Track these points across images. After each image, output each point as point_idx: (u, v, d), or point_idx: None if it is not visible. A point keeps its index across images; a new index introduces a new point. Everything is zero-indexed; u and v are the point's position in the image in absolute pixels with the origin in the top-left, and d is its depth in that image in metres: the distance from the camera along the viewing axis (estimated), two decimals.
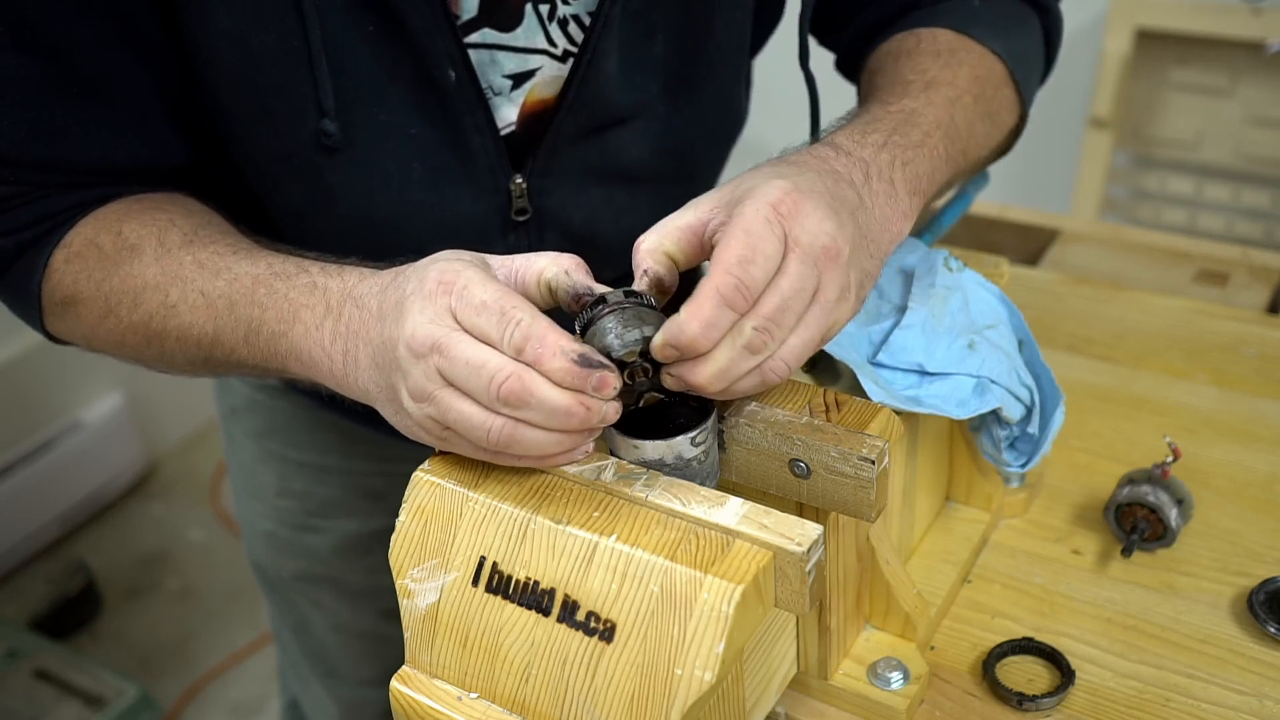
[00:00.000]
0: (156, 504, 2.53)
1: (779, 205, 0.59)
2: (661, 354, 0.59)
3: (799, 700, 0.74)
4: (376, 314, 0.62)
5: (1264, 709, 0.71)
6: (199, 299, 0.71)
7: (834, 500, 0.62)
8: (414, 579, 0.62)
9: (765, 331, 0.59)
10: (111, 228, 0.75)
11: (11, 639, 2.01)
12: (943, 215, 0.97)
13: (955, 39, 0.86)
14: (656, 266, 0.63)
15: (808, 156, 0.69)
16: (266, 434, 1.10)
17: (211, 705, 2.06)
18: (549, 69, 0.80)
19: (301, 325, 0.67)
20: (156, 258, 0.74)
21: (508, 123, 0.81)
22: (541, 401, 0.56)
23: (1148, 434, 0.94)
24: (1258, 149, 2.07)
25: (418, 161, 0.79)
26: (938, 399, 0.72)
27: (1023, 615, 0.79)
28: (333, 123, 0.75)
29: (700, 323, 0.57)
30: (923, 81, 0.80)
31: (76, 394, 2.42)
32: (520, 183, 0.82)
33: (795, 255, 0.59)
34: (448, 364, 0.57)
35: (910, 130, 0.75)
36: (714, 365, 0.58)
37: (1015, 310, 0.80)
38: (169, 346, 0.74)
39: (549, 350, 0.56)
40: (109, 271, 0.74)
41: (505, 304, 0.57)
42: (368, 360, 0.63)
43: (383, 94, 0.76)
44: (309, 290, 0.67)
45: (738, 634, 0.55)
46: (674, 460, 0.61)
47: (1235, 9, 1.96)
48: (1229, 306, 1.12)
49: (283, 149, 0.77)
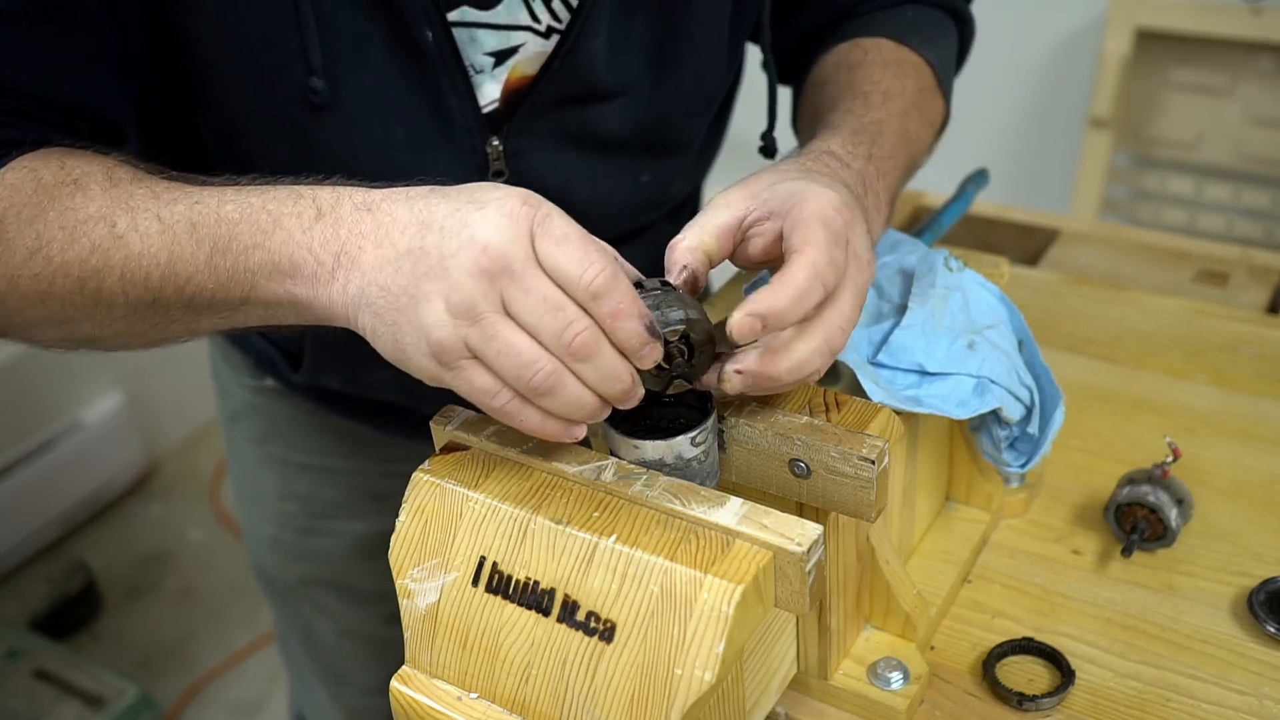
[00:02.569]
0: (156, 504, 2.53)
1: (841, 212, 0.61)
2: (741, 326, 0.58)
3: (799, 700, 0.74)
4: (407, 220, 0.58)
5: (1264, 709, 0.71)
6: (153, 224, 0.65)
7: (834, 500, 0.62)
8: (414, 579, 0.62)
9: (844, 332, 0.60)
10: (54, 162, 0.69)
11: (11, 639, 2.01)
12: (943, 215, 0.97)
13: (896, 50, 0.89)
14: (696, 264, 0.62)
15: (821, 166, 0.70)
16: (268, 437, 1.09)
17: (211, 705, 2.06)
18: (533, 45, 0.80)
19: (284, 231, 0.62)
20: (104, 190, 0.67)
21: (490, 100, 0.81)
22: (604, 361, 0.56)
23: (1148, 434, 0.94)
24: (1258, 149, 2.07)
25: (400, 124, 0.78)
26: (938, 399, 0.72)
27: (1023, 615, 0.79)
28: (320, 79, 0.74)
29: (794, 290, 0.57)
30: (879, 93, 0.83)
31: (76, 394, 2.42)
32: (496, 144, 0.81)
33: (855, 264, 0.61)
34: (520, 294, 0.55)
35: (883, 142, 0.78)
36: (794, 357, 0.59)
37: (1015, 310, 0.80)
38: (109, 286, 0.66)
39: (629, 309, 0.56)
40: (44, 206, 0.67)
41: (588, 243, 0.56)
42: (377, 262, 0.58)
43: (365, 54, 0.76)
44: (292, 198, 0.63)
45: (738, 634, 0.55)
46: (674, 460, 0.61)
47: (1235, 9, 1.96)
48: (1229, 306, 1.12)
49: (267, 107, 0.76)
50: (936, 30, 0.95)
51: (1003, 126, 2.27)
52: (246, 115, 0.77)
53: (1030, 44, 2.21)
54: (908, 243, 0.82)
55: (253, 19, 0.72)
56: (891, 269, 0.80)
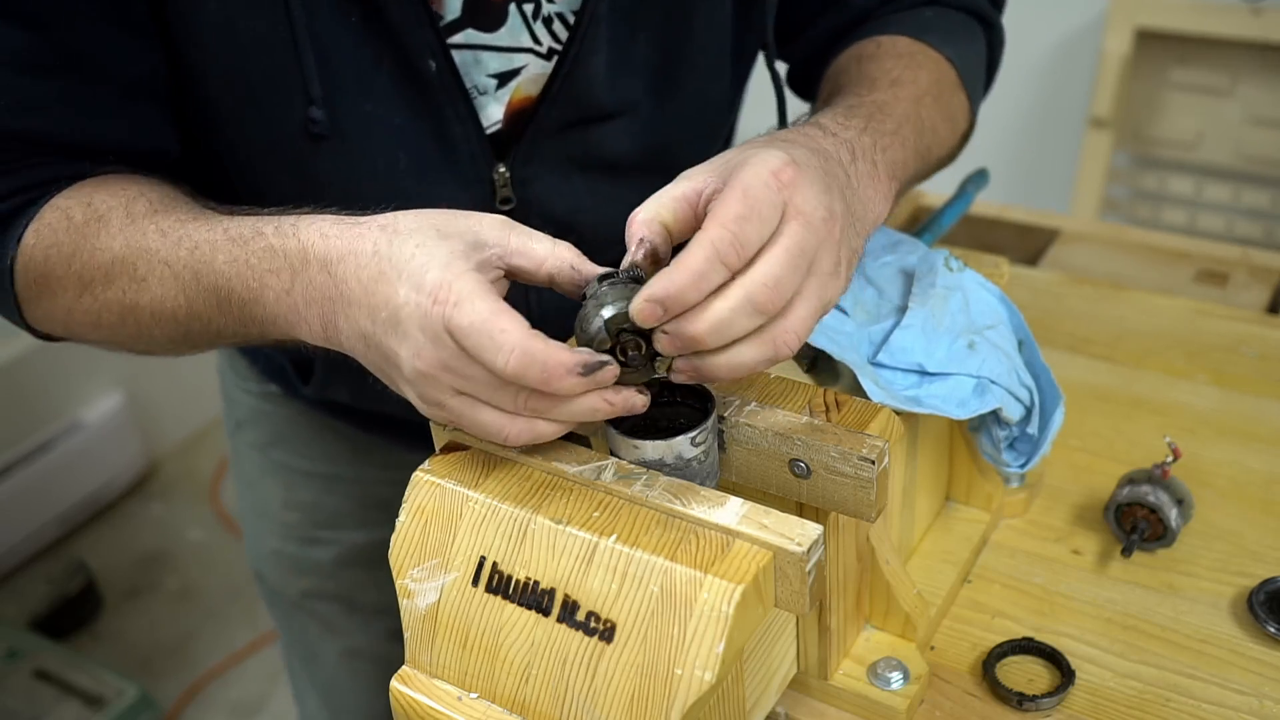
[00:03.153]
0: (156, 504, 2.53)
1: (780, 173, 0.58)
2: (641, 313, 0.56)
3: (799, 700, 0.74)
4: (359, 298, 0.61)
5: (1264, 709, 0.71)
6: (165, 270, 0.70)
7: (834, 500, 0.62)
8: (414, 579, 0.62)
9: (770, 289, 0.57)
10: (83, 199, 0.74)
11: (11, 639, 2.01)
12: (943, 215, 0.97)
13: (912, 44, 0.89)
14: (653, 237, 0.61)
15: (796, 135, 0.68)
16: (272, 444, 1.09)
17: (211, 705, 2.06)
18: (534, 67, 0.80)
19: (271, 292, 0.65)
20: (122, 228, 0.72)
21: (494, 121, 0.81)
22: (570, 408, 0.59)
23: (1148, 434, 0.94)
24: (1258, 149, 2.07)
25: (403, 152, 0.79)
26: (938, 399, 0.72)
27: (1023, 615, 0.79)
28: (320, 109, 0.74)
29: (689, 273, 0.55)
30: (888, 79, 0.82)
31: (76, 394, 2.42)
32: (503, 172, 0.82)
33: (797, 221, 0.58)
34: (465, 381, 0.58)
35: (885, 119, 0.76)
36: (711, 316, 0.56)
37: (1015, 310, 0.80)
38: (144, 322, 0.72)
39: (553, 371, 0.56)
40: (78, 245, 0.72)
41: (493, 323, 0.56)
42: (350, 332, 0.62)
43: (368, 85, 0.76)
44: (268, 255, 0.65)
45: (738, 634, 0.55)
46: (674, 460, 0.61)
47: (1235, 9, 1.96)
48: (1229, 306, 1.12)
49: (270, 138, 0.77)
50: (961, 31, 0.94)
51: (1003, 126, 2.27)
52: (251, 147, 0.79)
53: (1030, 44, 2.21)
54: (908, 243, 0.82)
55: (252, 52, 0.73)
56: (891, 269, 0.80)
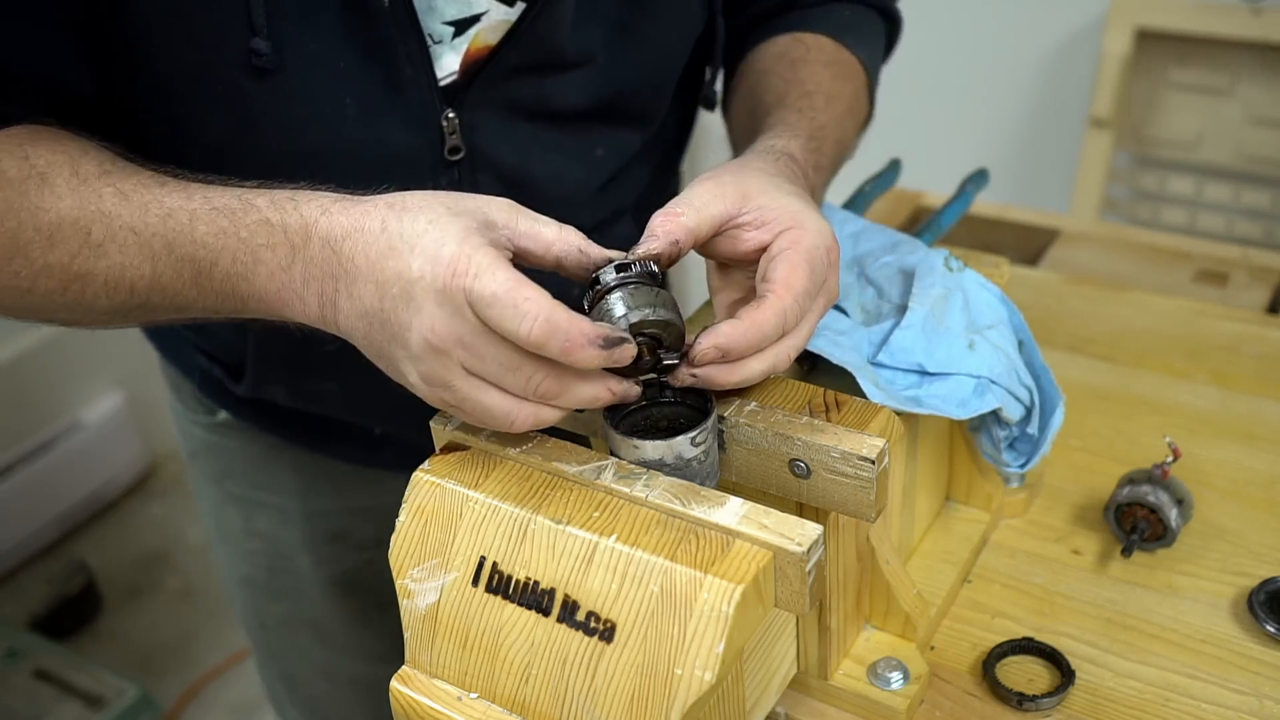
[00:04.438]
0: (156, 504, 2.53)
1: (831, 251, 0.65)
2: (702, 355, 0.61)
3: (799, 700, 0.74)
4: (366, 274, 0.59)
5: (1264, 709, 0.71)
6: (129, 237, 0.65)
7: (834, 500, 0.62)
8: (414, 579, 0.62)
9: (790, 357, 0.64)
10: (16, 153, 0.67)
11: (11, 639, 2.01)
12: (943, 215, 0.97)
13: (836, 50, 0.92)
14: (685, 243, 0.64)
15: (789, 172, 0.73)
16: (225, 475, 1.07)
17: (211, 705, 2.06)
18: (496, 13, 0.77)
19: (265, 268, 0.63)
20: (71, 189, 0.66)
21: (449, 72, 0.78)
22: (576, 394, 0.59)
23: (1148, 434, 0.94)
24: (1258, 149, 2.06)
25: (349, 95, 0.75)
26: (938, 399, 0.72)
27: (1023, 615, 0.79)
28: (264, 41, 0.70)
29: (757, 334, 0.61)
30: (823, 94, 0.86)
31: (76, 394, 2.42)
32: (452, 117, 0.78)
33: (825, 298, 0.66)
34: (476, 360, 0.58)
35: (826, 148, 0.82)
36: (742, 373, 0.63)
37: (1015, 310, 0.80)
38: (92, 290, 0.67)
39: (575, 340, 0.56)
40: (13, 203, 0.66)
41: (517, 292, 0.56)
42: (352, 311, 0.61)
43: (313, 18, 0.72)
44: (264, 229, 0.63)
45: (738, 634, 0.55)
46: (674, 460, 0.61)
47: (1235, 9, 1.96)
48: (1229, 306, 1.12)
49: (205, 72, 0.72)
50: (870, 31, 0.97)
51: (1003, 126, 2.26)
52: (182, 80, 0.73)
53: (1030, 44, 2.21)
54: (908, 243, 0.82)
55: None
56: (891, 269, 0.80)
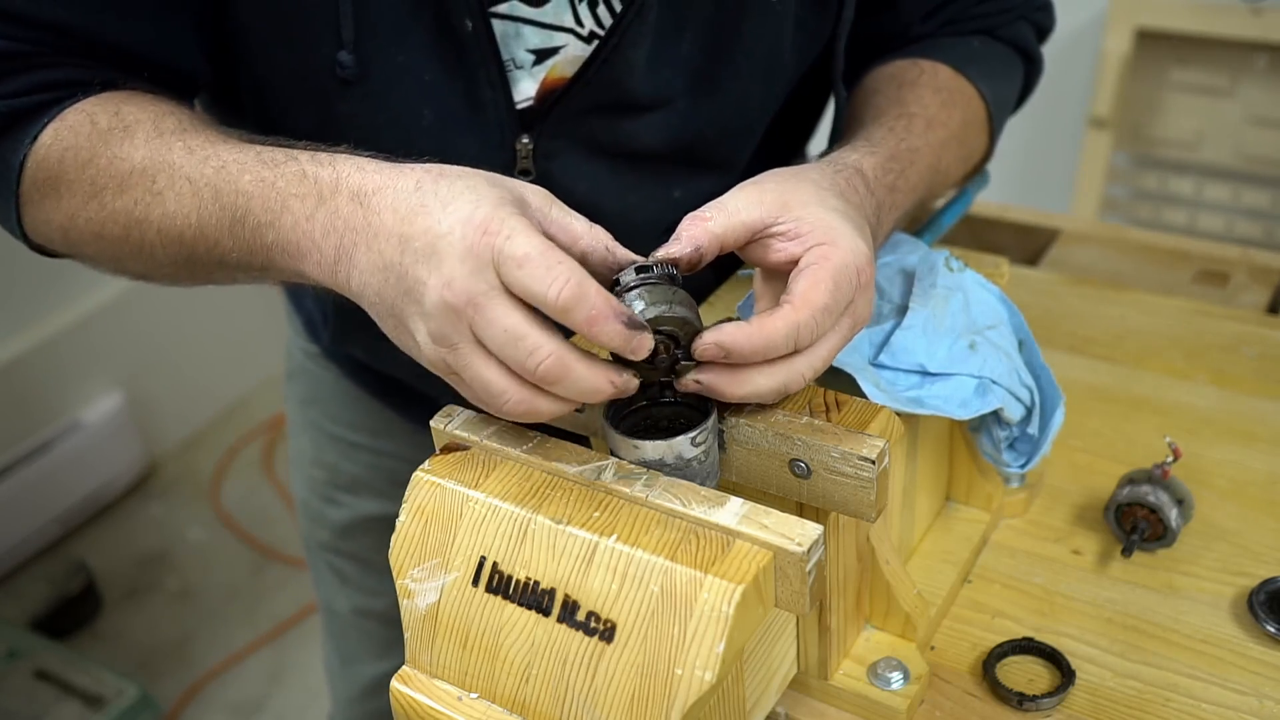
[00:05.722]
0: (156, 504, 2.53)
1: (863, 272, 0.63)
2: (703, 351, 0.59)
3: (799, 700, 0.74)
4: (392, 228, 0.60)
5: (1264, 709, 0.71)
6: (185, 185, 0.68)
7: (834, 500, 0.62)
8: (414, 579, 0.62)
9: (804, 379, 0.62)
10: (110, 107, 0.72)
11: (11, 639, 2.01)
12: (943, 215, 0.97)
13: (953, 78, 0.89)
14: (709, 248, 0.63)
15: (847, 187, 0.71)
16: (309, 401, 1.12)
17: (211, 705, 2.06)
18: (573, 48, 0.80)
19: (290, 216, 0.64)
20: (147, 140, 0.70)
21: (526, 97, 0.81)
22: (576, 381, 0.57)
23: (1148, 434, 0.94)
24: (1258, 149, 2.07)
25: (429, 108, 0.79)
26: (939, 400, 0.72)
27: (1023, 615, 0.79)
28: (349, 54, 0.74)
29: (763, 341, 0.59)
30: (925, 118, 0.84)
31: (76, 394, 2.42)
32: (526, 143, 0.81)
33: (851, 318, 0.63)
34: (484, 325, 0.57)
35: (911, 173, 0.79)
36: (748, 387, 0.61)
37: (1015, 310, 0.80)
38: (149, 238, 0.71)
39: (603, 312, 0.56)
40: (97, 150, 0.71)
41: (551, 258, 0.56)
42: (368, 266, 0.61)
43: (402, 35, 0.76)
44: (298, 179, 0.65)
45: (738, 634, 0.55)
46: (674, 460, 0.61)
47: (1235, 9, 1.96)
48: (1229, 306, 1.12)
49: (297, 76, 0.77)
50: (1000, 65, 0.94)
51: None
52: (276, 80, 0.79)
53: None
54: (908, 243, 0.82)
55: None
56: (892, 269, 0.80)
